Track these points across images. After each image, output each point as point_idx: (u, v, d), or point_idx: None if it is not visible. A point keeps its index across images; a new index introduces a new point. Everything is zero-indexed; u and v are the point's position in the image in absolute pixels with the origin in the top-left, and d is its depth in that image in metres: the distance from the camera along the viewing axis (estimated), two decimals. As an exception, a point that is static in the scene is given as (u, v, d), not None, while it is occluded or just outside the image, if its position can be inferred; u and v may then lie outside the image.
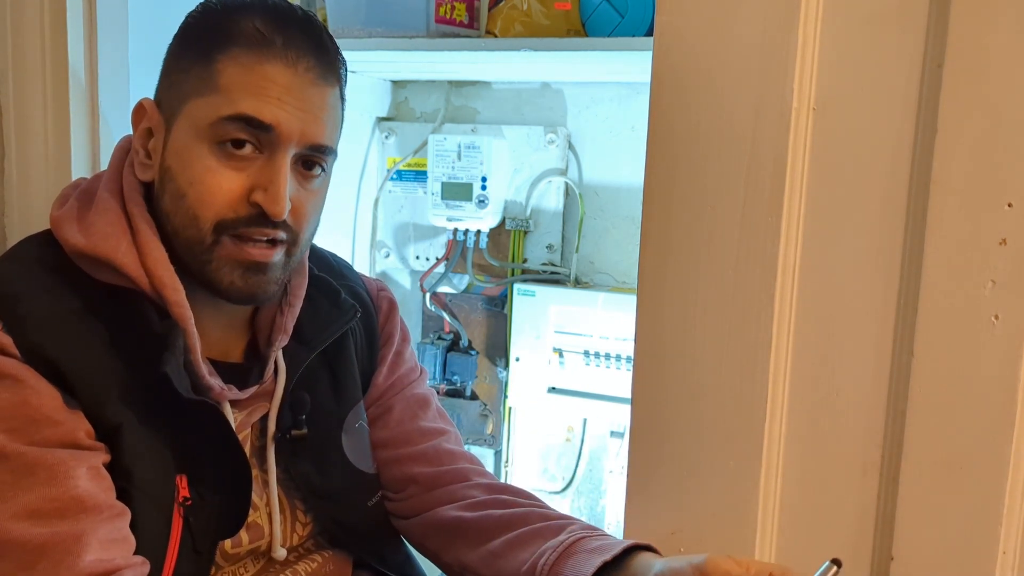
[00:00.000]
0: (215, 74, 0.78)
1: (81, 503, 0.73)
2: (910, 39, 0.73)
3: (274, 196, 0.78)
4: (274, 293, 0.84)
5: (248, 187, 0.79)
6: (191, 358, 0.79)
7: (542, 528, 0.86)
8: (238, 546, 0.86)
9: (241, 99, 0.77)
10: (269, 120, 0.77)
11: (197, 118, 0.79)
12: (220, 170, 0.78)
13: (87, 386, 0.76)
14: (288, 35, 0.79)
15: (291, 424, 0.89)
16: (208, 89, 0.79)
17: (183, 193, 0.79)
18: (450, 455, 0.98)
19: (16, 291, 0.77)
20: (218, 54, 0.78)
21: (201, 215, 0.79)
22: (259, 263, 0.80)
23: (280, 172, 0.79)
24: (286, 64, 0.78)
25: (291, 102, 0.78)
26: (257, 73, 0.78)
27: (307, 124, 0.80)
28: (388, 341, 1.02)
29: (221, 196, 0.78)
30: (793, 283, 0.79)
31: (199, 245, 0.79)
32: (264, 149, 0.79)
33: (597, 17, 1.38)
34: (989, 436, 0.73)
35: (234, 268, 0.80)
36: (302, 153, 0.81)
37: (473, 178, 1.61)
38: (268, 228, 0.80)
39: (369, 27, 1.43)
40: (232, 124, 0.78)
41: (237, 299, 0.82)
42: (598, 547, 0.79)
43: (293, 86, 0.79)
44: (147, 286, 0.79)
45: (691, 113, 0.80)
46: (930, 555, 0.76)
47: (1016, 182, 0.71)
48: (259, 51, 0.78)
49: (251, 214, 0.79)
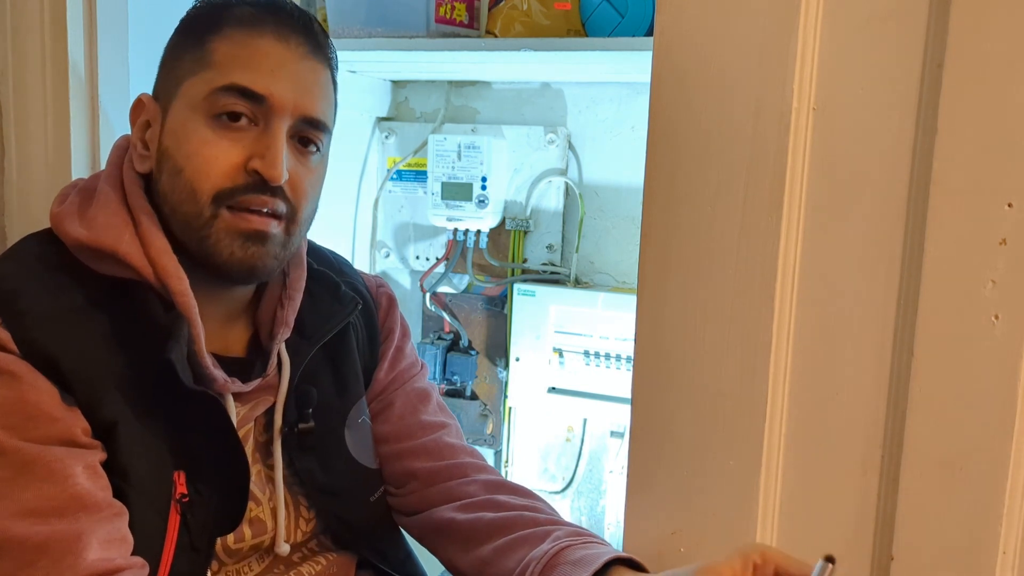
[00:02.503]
0: (208, 53, 0.80)
1: (80, 501, 0.73)
2: (910, 39, 0.73)
3: (271, 161, 0.79)
4: (273, 268, 0.84)
5: (245, 156, 0.80)
6: (195, 349, 0.79)
7: (528, 535, 0.86)
8: (240, 541, 0.86)
9: (233, 70, 0.79)
10: (262, 91, 0.79)
11: (192, 95, 0.80)
12: (216, 141, 0.79)
13: (84, 383, 0.76)
14: (279, 17, 0.82)
15: (297, 418, 0.89)
16: (201, 67, 0.80)
17: (180, 168, 0.80)
18: (451, 449, 0.98)
19: (15, 287, 0.77)
20: (210, 35, 0.81)
21: (199, 187, 0.79)
22: (258, 231, 0.81)
23: (276, 138, 0.80)
24: (277, 39, 0.81)
25: (284, 76, 0.80)
26: (249, 47, 0.80)
27: (300, 95, 0.81)
28: (389, 336, 1.03)
29: (218, 166, 0.79)
30: (793, 283, 0.79)
31: (197, 219, 0.80)
32: (259, 121, 0.80)
33: (597, 17, 1.38)
34: (989, 436, 0.73)
35: (233, 238, 0.80)
36: (297, 127, 0.82)
37: (473, 178, 1.61)
38: (266, 196, 0.80)
39: (369, 27, 1.43)
40: (226, 94, 0.79)
41: (237, 272, 0.82)
42: (580, 559, 0.79)
43: (285, 60, 0.81)
44: (151, 276, 0.79)
45: (691, 113, 0.80)
46: (930, 555, 0.76)
47: (1016, 182, 0.71)
48: (251, 28, 0.81)
49: (248, 182, 0.80)
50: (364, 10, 1.44)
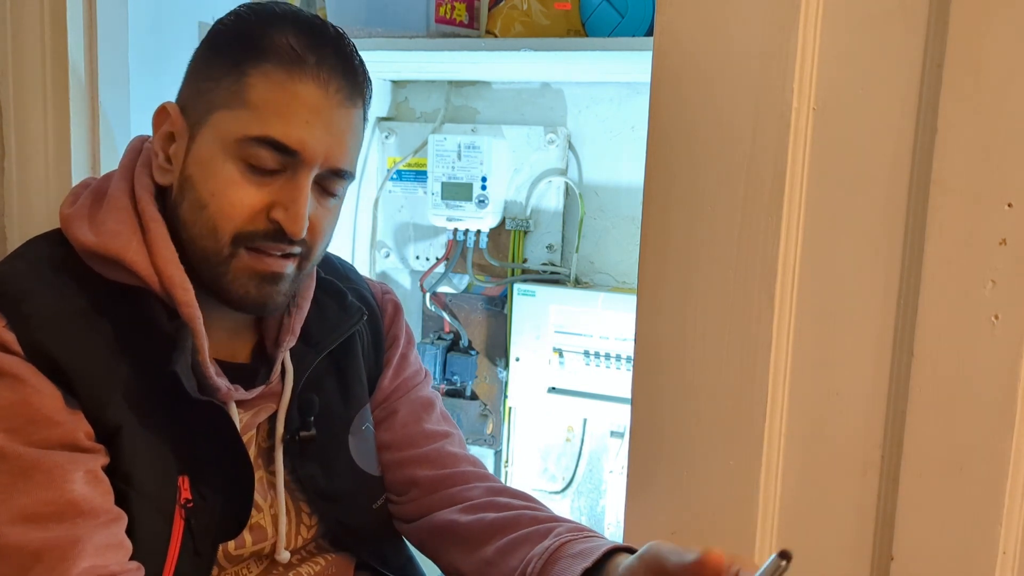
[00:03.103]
0: (245, 88, 0.78)
1: (77, 507, 0.73)
2: (910, 39, 0.73)
3: (294, 216, 0.79)
4: (281, 304, 0.85)
5: (268, 203, 0.80)
6: (199, 358, 0.80)
7: (530, 533, 0.86)
8: (241, 547, 0.86)
9: (270, 120, 0.78)
10: (295, 146, 0.78)
11: (224, 131, 0.79)
12: (243, 184, 0.79)
13: (89, 386, 0.76)
14: (321, 54, 0.79)
15: (299, 425, 0.89)
16: (237, 103, 0.79)
17: (204, 204, 0.80)
18: (453, 458, 0.98)
19: (22, 289, 0.77)
20: (249, 67, 0.78)
21: (221, 226, 0.79)
22: (274, 273, 0.82)
23: (302, 192, 0.80)
24: (317, 85, 0.79)
25: (319, 125, 0.79)
26: (288, 92, 0.78)
27: (331, 148, 0.80)
28: (393, 344, 1.03)
29: (242, 210, 0.79)
30: (793, 283, 0.79)
31: (216, 256, 0.80)
32: (287, 168, 0.80)
33: (597, 17, 1.38)
34: (989, 436, 0.73)
35: (250, 278, 0.81)
36: (322, 175, 0.82)
37: (473, 178, 1.61)
38: (284, 244, 0.81)
39: (369, 27, 1.43)
40: (259, 146, 0.78)
41: (249, 308, 0.83)
42: (581, 551, 0.79)
43: (322, 108, 0.79)
44: (156, 285, 0.79)
45: (691, 113, 0.80)
46: (930, 555, 0.76)
47: (1016, 182, 0.71)
48: (291, 68, 0.78)
49: (269, 229, 0.80)
50: (364, 10, 1.44)
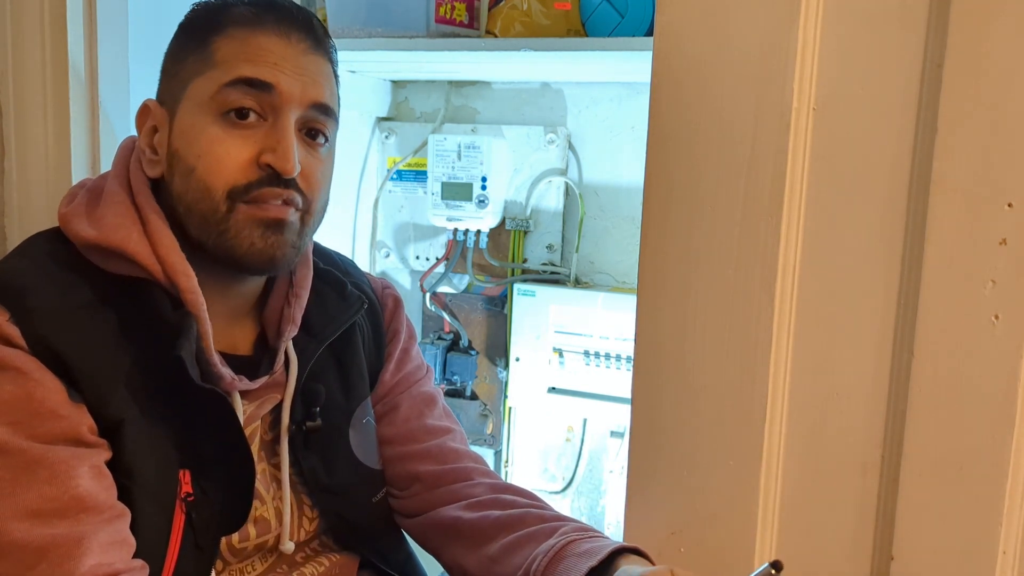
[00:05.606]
0: (212, 52, 0.81)
1: (82, 503, 0.73)
2: (910, 39, 0.73)
3: (283, 154, 0.80)
4: (291, 259, 0.85)
5: (256, 152, 0.80)
6: (203, 346, 0.80)
7: (536, 532, 0.86)
8: (245, 540, 0.86)
9: (239, 65, 0.80)
10: (269, 79, 0.80)
11: (199, 94, 0.81)
12: (226, 139, 0.80)
13: (92, 380, 0.76)
14: (279, 15, 0.83)
15: (304, 416, 0.90)
16: (206, 66, 0.81)
17: (192, 167, 0.80)
18: (455, 454, 0.98)
19: (25, 283, 0.77)
20: (213, 37, 0.82)
21: (212, 184, 0.80)
22: (277, 220, 0.81)
23: (286, 131, 0.81)
24: (279, 35, 0.82)
25: (288, 68, 0.81)
26: (252, 44, 0.81)
27: (306, 85, 0.82)
28: (395, 338, 1.03)
29: (230, 162, 0.80)
30: (793, 283, 0.79)
31: (214, 215, 0.80)
32: (268, 115, 0.81)
33: (597, 17, 1.38)
34: (989, 436, 0.73)
35: (253, 228, 0.81)
36: (306, 116, 0.83)
37: (473, 178, 1.61)
38: (280, 188, 0.81)
39: (369, 27, 1.43)
40: (233, 89, 0.80)
41: (257, 263, 0.82)
42: (587, 551, 0.79)
43: (288, 55, 0.82)
44: (159, 274, 0.79)
45: (691, 113, 0.80)
46: (930, 555, 0.76)
47: (1016, 182, 0.71)
48: (252, 26, 0.81)
49: (262, 176, 0.80)
50: (364, 10, 1.44)
